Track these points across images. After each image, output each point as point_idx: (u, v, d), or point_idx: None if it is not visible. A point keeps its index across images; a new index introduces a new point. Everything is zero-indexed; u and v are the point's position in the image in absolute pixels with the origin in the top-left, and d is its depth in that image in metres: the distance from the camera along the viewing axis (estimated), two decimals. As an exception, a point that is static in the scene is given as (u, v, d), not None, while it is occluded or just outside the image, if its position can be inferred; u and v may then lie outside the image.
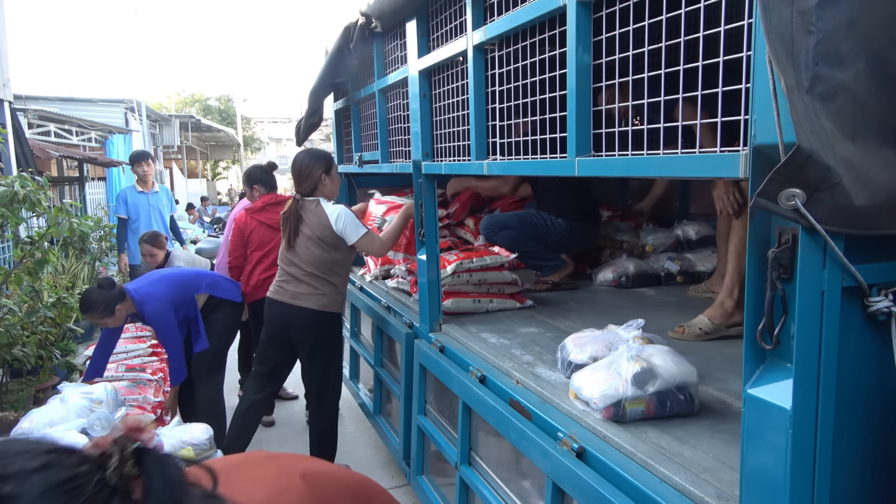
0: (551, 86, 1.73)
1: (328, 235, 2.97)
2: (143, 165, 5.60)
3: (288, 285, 3.04)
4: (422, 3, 2.57)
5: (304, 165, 3.04)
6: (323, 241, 2.97)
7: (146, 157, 5.68)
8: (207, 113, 26.43)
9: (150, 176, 5.63)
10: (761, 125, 1.03)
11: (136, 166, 5.65)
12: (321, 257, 2.99)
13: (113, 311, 2.99)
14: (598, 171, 1.53)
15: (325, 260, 2.99)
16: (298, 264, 3.00)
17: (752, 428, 1.12)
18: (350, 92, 3.92)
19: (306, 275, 2.99)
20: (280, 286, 3.09)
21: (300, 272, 3.00)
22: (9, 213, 2.84)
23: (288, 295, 3.02)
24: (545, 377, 2.07)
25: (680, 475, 1.41)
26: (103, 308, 2.96)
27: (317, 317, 3.01)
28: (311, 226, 2.98)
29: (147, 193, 5.62)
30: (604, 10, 1.50)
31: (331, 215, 2.97)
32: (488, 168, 2.12)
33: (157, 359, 3.98)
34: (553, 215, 3.30)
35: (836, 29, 0.96)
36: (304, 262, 2.99)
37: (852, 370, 1.07)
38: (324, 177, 3.05)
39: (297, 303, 3.00)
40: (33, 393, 4.22)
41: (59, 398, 2.13)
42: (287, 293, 3.03)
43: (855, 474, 1.10)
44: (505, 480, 2.09)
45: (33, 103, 10.36)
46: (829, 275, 1.02)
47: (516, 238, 3.24)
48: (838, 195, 0.97)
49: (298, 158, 3.09)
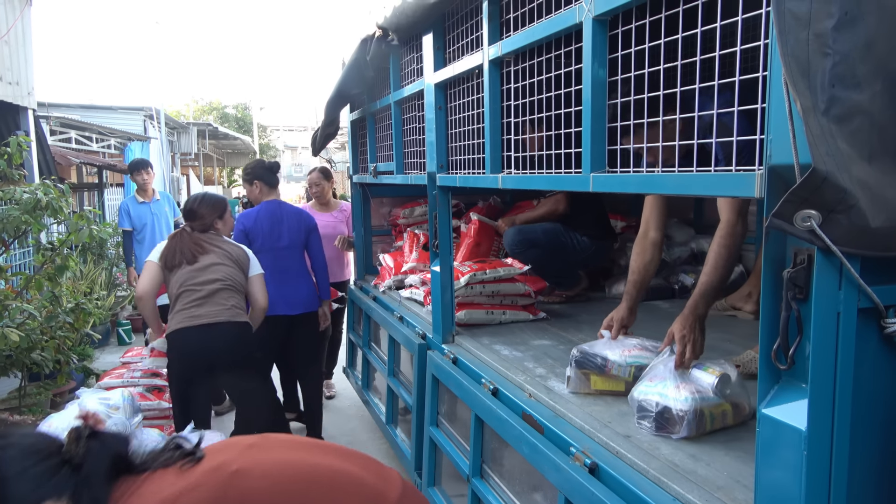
0: (566, 101, 1.74)
1: (242, 256, 3.11)
2: (143, 174, 5.55)
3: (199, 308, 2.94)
4: (438, 17, 2.59)
5: (199, 211, 3.13)
6: (240, 263, 3.07)
7: (145, 165, 5.62)
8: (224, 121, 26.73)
9: (149, 184, 5.58)
10: (777, 145, 1.04)
11: (135, 175, 5.60)
12: (240, 277, 3.06)
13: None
14: (613, 188, 1.53)
15: (241, 280, 3.08)
16: (219, 279, 3.00)
17: (767, 448, 1.11)
18: (366, 103, 3.95)
19: (227, 290, 3.00)
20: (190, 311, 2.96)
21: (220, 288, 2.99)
22: (32, 219, 2.89)
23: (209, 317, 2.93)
24: (558, 391, 2.07)
25: (693, 493, 1.40)
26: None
27: (245, 329, 3.05)
28: (225, 248, 3.06)
29: (149, 203, 5.56)
30: (619, 28, 1.51)
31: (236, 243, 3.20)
32: (503, 182, 2.13)
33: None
34: (578, 233, 3.28)
35: (853, 51, 0.96)
36: (226, 276, 3.00)
37: (868, 391, 1.07)
38: (217, 221, 3.15)
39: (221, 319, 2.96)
40: (51, 397, 4.27)
41: (77, 404, 2.17)
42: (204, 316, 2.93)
43: (871, 497, 1.10)
44: (517, 494, 2.09)
45: (55, 110, 10.54)
46: (844, 296, 1.02)
47: (543, 259, 3.19)
48: (855, 217, 0.97)
49: (194, 200, 3.18)
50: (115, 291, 6.75)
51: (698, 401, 1.67)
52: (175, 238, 3.05)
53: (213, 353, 2.87)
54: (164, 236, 5.52)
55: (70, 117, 10.09)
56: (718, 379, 1.70)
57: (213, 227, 3.12)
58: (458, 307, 2.88)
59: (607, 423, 1.81)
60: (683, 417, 1.66)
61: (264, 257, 3.41)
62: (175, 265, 2.95)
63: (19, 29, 5.92)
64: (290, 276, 3.66)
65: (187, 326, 2.84)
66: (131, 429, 2.08)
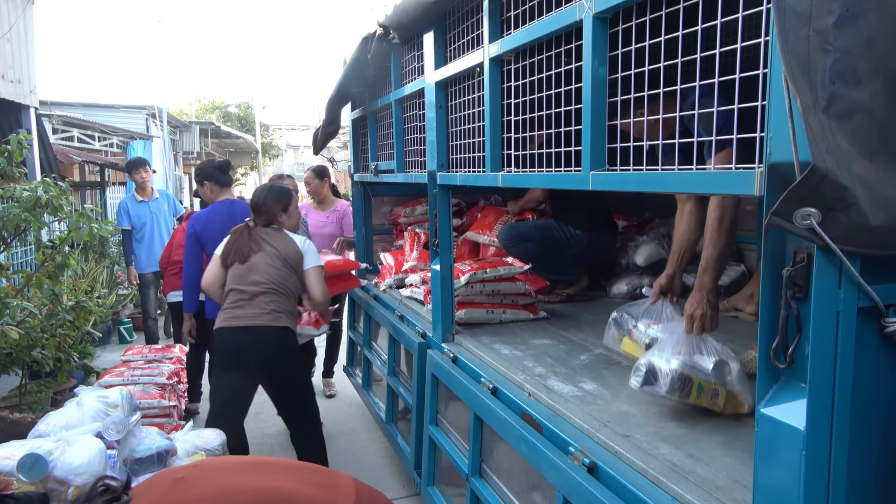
0: (567, 99, 1.74)
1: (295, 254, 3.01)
2: (141, 172, 5.53)
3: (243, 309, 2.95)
4: (439, 15, 2.59)
5: (264, 202, 3.09)
6: (289, 260, 3.00)
7: (143, 163, 5.61)
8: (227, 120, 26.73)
9: (147, 183, 5.57)
10: (777, 143, 1.03)
11: (133, 174, 5.59)
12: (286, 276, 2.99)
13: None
14: (613, 186, 1.53)
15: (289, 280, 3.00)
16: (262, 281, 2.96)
17: (766, 448, 1.11)
18: (367, 102, 3.95)
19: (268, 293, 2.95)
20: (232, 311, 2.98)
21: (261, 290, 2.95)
22: (31, 217, 2.89)
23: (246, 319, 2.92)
24: (557, 390, 2.06)
25: (692, 493, 1.40)
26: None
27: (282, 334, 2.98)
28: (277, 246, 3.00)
29: (148, 202, 5.55)
30: (620, 26, 1.50)
31: (294, 237, 3.05)
32: (503, 180, 2.12)
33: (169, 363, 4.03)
34: (571, 227, 3.29)
35: (854, 48, 0.95)
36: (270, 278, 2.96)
37: (868, 391, 1.06)
38: (281, 214, 3.10)
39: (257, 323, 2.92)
40: (51, 395, 4.27)
41: (76, 402, 2.17)
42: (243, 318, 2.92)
43: (871, 496, 1.09)
44: (516, 494, 2.08)
45: (58, 109, 10.55)
46: (844, 295, 1.01)
47: (536, 251, 3.22)
48: (855, 215, 0.96)
49: (259, 192, 3.14)
50: (117, 290, 6.76)
51: (688, 368, 1.71)
52: (235, 234, 3.05)
53: (248, 354, 2.89)
54: (163, 235, 5.52)
55: (73, 116, 10.10)
56: (716, 362, 1.73)
57: (276, 220, 3.09)
58: (459, 306, 2.87)
59: (606, 422, 1.80)
60: (668, 375, 1.70)
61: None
62: (229, 263, 3.00)
63: (21, 27, 5.92)
64: None
65: (227, 326, 2.91)
66: (129, 427, 2.08)
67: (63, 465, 1.84)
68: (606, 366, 2.30)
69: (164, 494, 0.92)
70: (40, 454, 1.82)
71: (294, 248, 3.01)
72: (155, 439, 2.25)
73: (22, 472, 1.80)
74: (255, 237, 3.01)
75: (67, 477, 1.83)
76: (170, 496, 0.92)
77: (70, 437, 1.94)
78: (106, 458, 1.94)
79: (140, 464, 2.15)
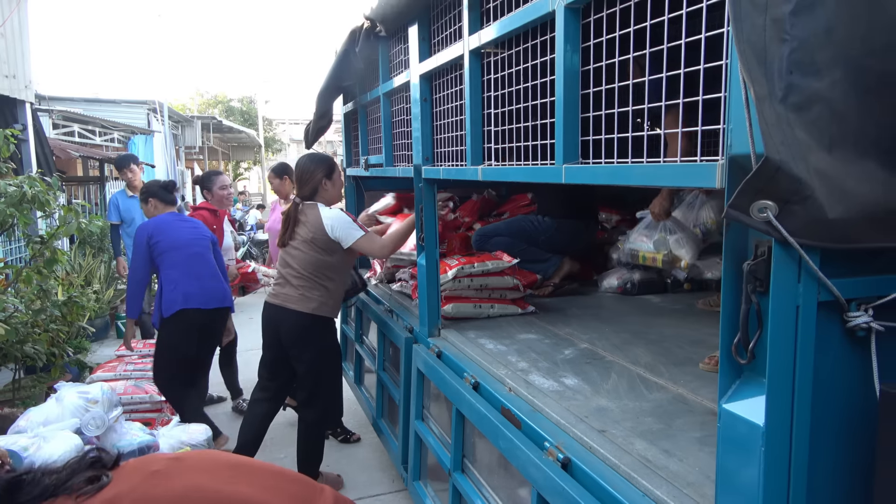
0: (542, 92, 1.72)
1: (322, 240, 2.96)
2: (127, 172, 5.51)
3: (281, 288, 3.06)
4: (423, 7, 2.57)
5: (306, 169, 3.05)
6: (316, 245, 2.96)
7: (127, 162, 5.55)
8: (230, 114, 26.71)
9: (136, 180, 5.50)
10: (737, 135, 1.01)
11: (121, 173, 5.58)
12: (315, 261, 2.98)
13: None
14: (584, 179, 1.51)
15: (319, 264, 2.98)
16: (293, 266, 3.01)
17: (727, 443, 1.09)
18: (357, 95, 3.93)
19: (298, 277, 2.99)
20: (275, 289, 3.11)
21: (294, 274, 3.01)
22: (17, 212, 2.89)
23: (280, 298, 3.03)
24: (538, 385, 2.05)
25: (662, 489, 1.38)
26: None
27: (303, 320, 2.99)
28: (308, 229, 2.98)
29: (137, 197, 5.58)
30: (592, 16, 1.48)
31: (325, 219, 2.96)
32: (483, 174, 2.11)
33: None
34: (540, 215, 3.35)
35: (812, 37, 0.93)
36: (299, 264, 2.99)
37: (830, 386, 1.04)
38: (325, 181, 3.05)
39: (287, 305, 3.00)
40: (45, 390, 4.29)
41: (55, 397, 2.17)
42: (280, 296, 3.04)
43: (832, 493, 1.07)
44: (495, 489, 2.07)
45: (58, 104, 10.56)
46: (804, 289, 0.99)
47: (507, 244, 3.28)
48: (811, 207, 0.94)
49: (301, 161, 3.11)
50: (116, 285, 6.76)
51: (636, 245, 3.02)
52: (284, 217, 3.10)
53: (278, 332, 3.05)
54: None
55: (73, 111, 10.11)
56: (655, 239, 2.93)
57: (321, 187, 3.05)
58: (446, 301, 2.86)
59: (584, 417, 1.79)
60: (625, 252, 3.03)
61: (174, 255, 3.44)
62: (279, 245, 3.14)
63: (16, 21, 5.91)
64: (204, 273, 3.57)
65: (267, 302, 3.11)
66: (109, 423, 2.08)
67: (38, 460, 1.84)
68: (590, 360, 2.29)
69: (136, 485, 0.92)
70: (15, 450, 1.82)
71: (322, 233, 2.95)
72: (137, 435, 2.25)
73: (-3, 467, 1.80)
74: (297, 219, 3.04)
75: (43, 472, 1.82)
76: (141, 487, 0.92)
77: (47, 433, 1.94)
78: (84, 453, 1.94)
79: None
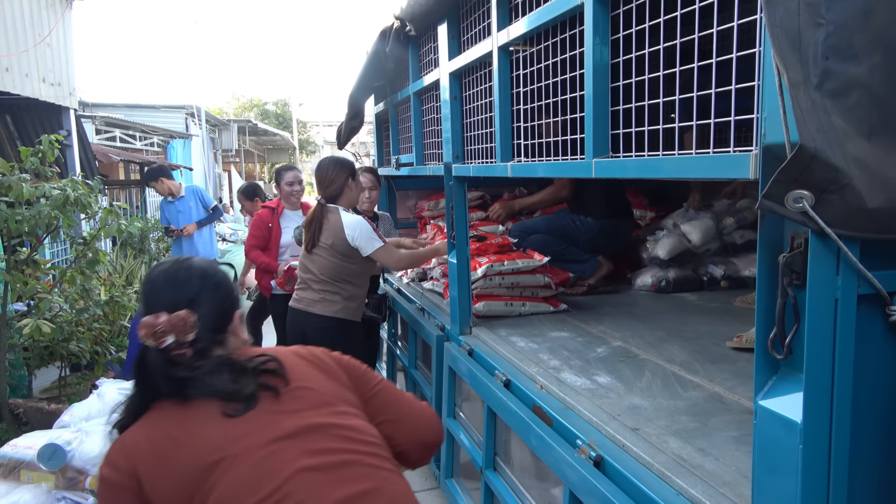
0: (572, 86, 1.70)
1: (342, 246, 2.96)
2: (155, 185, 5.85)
3: (304, 293, 3.06)
4: (452, 5, 2.56)
5: (329, 171, 3.06)
6: (336, 251, 2.96)
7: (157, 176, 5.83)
8: (265, 117, 27.17)
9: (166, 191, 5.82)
10: (771, 123, 0.98)
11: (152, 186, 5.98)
12: (335, 266, 2.98)
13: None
14: (614, 173, 1.49)
15: (339, 269, 2.98)
16: (313, 271, 3.01)
17: (764, 441, 1.06)
18: (388, 95, 3.95)
19: (318, 282, 2.99)
20: (297, 294, 3.11)
21: (314, 279, 3.01)
22: (61, 214, 2.99)
23: (304, 303, 3.03)
24: (570, 383, 2.03)
25: (697, 488, 1.36)
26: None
27: (327, 322, 2.99)
28: (329, 234, 2.98)
29: (175, 202, 5.85)
30: (621, 7, 1.46)
31: (346, 227, 2.96)
32: (512, 170, 2.09)
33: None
34: (582, 215, 3.27)
35: (849, 21, 0.90)
36: (319, 269, 2.99)
37: (872, 383, 1.00)
38: (350, 182, 3.06)
39: (310, 309, 3.01)
40: (89, 387, 4.42)
41: (97, 394, 2.23)
42: (303, 301, 3.04)
43: (874, 493, 1.04)
44: (527, 487, 2.06)
45: (100, 110, 10.89)
46: (843, 282, 0.96)
47: (545, 241, 3.21)
48: (849, 197, 0.91)
49: (323, 164, 3.11)
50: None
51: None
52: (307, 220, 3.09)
53: (305, 335, 3.04)
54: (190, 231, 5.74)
55: (114, 116, 10.42)
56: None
57: (346, 187, 3.06)
58: (477, 299, 2.86)
59: (616, 415, 1.76)
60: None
61: None
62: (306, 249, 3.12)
63: (60, 31, 6.11)
64: None
65: (291, 306, 3.14)
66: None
67: (81, 455, 1.90)
68: (623, 359, 2.26)
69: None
70: (59, 444, 1.88)
71: (342, 240, 2.96)
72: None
73: (42, 461, 1.86)
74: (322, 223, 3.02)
75: (85, 466, 1.88)
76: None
77: (89, 428, 2.00)
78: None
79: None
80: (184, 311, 1.15)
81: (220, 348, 1.20)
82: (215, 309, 1.20)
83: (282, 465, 1.08)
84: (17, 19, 5.41)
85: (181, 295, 1.18)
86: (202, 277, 1.22)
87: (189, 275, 1.21)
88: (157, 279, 1.21)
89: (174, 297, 1.17)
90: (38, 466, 1.86)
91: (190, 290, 1.19)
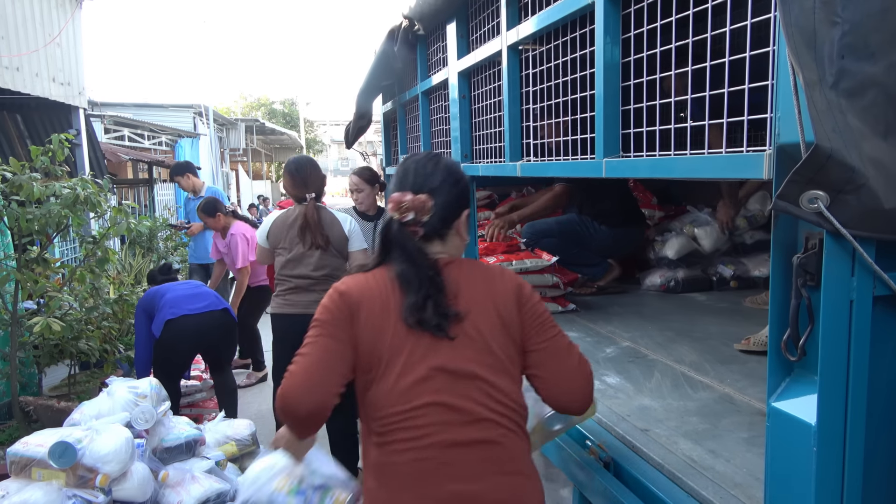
0: (581, 86, 1.69)
1: (339, 241, 2.98)
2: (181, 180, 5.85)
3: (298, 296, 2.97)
4: (461, 4, 2.56)
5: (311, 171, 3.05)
6: (334, 247, 2.97)
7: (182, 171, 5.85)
8: (272, 116, 27.24)
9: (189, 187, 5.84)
10: (785, 123, 0.98)
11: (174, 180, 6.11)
12: (333, 263, 2.97)
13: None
14: (625, 173, 1.48)
15: (338, 265, 2.98)
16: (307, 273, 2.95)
17: (777, 443, 1.06)
18: (396, 95, 3.95)
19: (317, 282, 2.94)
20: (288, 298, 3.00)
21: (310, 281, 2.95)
22: (71, 213, 3.00)
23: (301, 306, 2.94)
24: (579, 383, 2.01)
25: (708, 490, 1.35)
26: None
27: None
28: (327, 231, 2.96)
29: (195, 199, 5.80)
30: (633, 6, 1.45)
31: (342, 221, 2.99)
32: (521, 169, 2.09)
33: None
34: (596, 222, 3.22)
35: (865, 19, 0.89)
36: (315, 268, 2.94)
37: (887, 385, 1.00)
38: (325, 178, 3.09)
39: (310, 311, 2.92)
40: (99, 385, 4.44)
41: (107, 392, 2.24)
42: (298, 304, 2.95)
43: (889, 496, 1.03)
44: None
45: (109, 109, 10.94)
46: (858, 283, 0.95)
47: (558, 245, 3.16)
48: (865, 197, 0.90)
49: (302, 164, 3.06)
50: (165, 284, 6.95)
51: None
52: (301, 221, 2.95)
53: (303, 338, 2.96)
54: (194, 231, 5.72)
55: (123, 116, 10.46)
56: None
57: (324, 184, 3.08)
58: (485, 298, 2.84)
59: (626, 416, 1.76)
60: None
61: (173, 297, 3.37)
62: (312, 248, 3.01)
63: (70, 31, 6.14)
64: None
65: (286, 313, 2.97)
66: (158, 417, 2.14)
67: (92, 453, 1.90)
68: (632, 359, 2.25)
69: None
70: (70, 442, 1.89)
71: (339, 234, 2.98)
72: (184, 429, 2.30)
73: (53, 458, 1.87)
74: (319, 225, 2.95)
75: (96, 464, 1.89)
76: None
77: (99, 426, 2.00)
78: (133, 446, 2.00)
79: (169, 452, 2.20)
80: (424, 195, 1.32)
81: (441, 244, 1.37)
82: (450, 201, 1.36)
83: (426, 392, 1.25)
84: (27, 19, 5.45)
85: (426, 182, 1.35)
86: (446, 172, 1.39)
87: (436, 168, 1.38)
88: (410, 166, 1.40)
89: (420, 182, 1.35)
90: (48, 464, 1.87)
91: (434, 180, 1.36)
